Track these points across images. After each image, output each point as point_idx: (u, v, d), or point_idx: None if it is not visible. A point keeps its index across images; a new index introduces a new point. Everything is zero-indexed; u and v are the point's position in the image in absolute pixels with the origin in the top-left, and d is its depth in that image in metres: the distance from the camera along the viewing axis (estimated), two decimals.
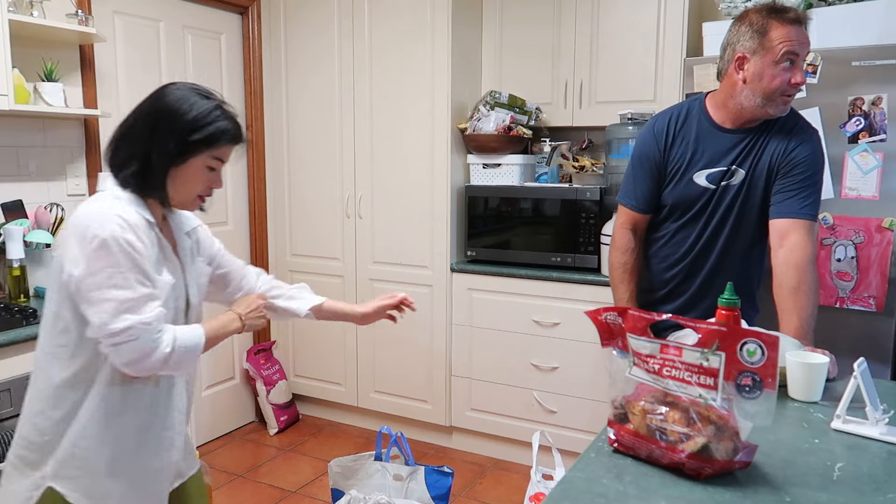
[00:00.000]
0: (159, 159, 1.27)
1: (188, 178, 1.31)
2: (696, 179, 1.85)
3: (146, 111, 1.30)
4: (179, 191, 1.32)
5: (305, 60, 3.46)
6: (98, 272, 1.20)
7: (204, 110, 1.28)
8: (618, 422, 1.20)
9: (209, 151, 1.31)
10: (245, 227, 3.64)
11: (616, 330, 1.22)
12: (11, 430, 1.91)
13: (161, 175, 1.29)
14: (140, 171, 1.28)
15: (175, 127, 1.27)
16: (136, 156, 1.28)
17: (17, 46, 2.32)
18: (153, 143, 1.27)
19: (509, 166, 3.16)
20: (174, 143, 1.27)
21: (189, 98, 1.29)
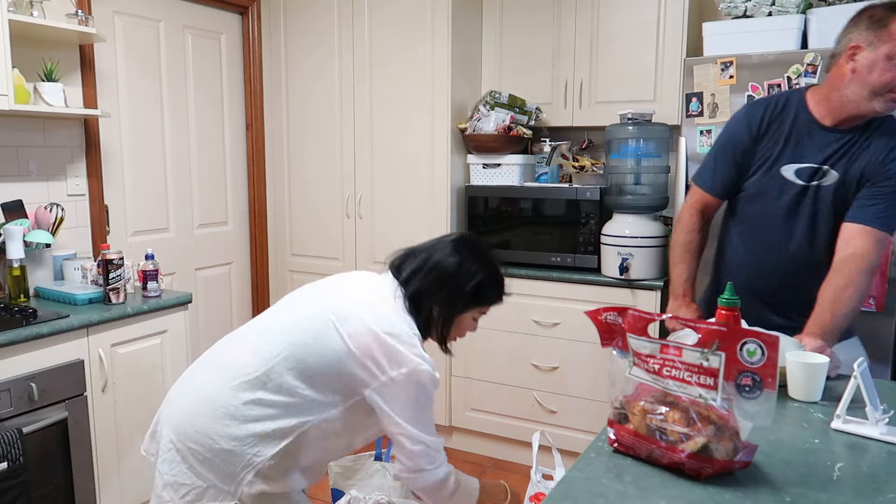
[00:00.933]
0: (440, 315, 1.49)
1: (458, 327, 1.54)
2: (784, 173, 1.77)
3: (435, 266, 1.48)
4: (446, 339, 1.54)
5: (305, 60, 3.46)
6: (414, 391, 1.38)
7: (481, 279, 1.49)
8: (618, 422, 1.20)
9: (479, 308, 1.54)
10: (245, 227, 3.64)
11: (616, 330, 1.22)
12: (12, 429, 1.91)
13: (441, 328, 1.51)
14: (422, 314, 1.47)
15: (457, 292, 1.48)
16: (423, 303, 1.47)
17: (17, 46, 2.32)
18: (436, 299, 1.48)
19: (509, 166, 3.16)
20: (454, 305, 1.49)
21: (469, 265, 1.49)
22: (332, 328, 1.38)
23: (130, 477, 2.39)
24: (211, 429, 1.36)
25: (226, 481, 1.35)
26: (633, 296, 2.80)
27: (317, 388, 1.37)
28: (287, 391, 1.36)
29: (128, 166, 2.99)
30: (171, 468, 1.38)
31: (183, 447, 1.38)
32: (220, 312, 3.51)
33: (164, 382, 2.49)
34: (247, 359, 1.41)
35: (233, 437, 1.35)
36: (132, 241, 3.02)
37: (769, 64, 2.40)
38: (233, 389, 1.37)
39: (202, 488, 1.36)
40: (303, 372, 1.37)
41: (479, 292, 1.49)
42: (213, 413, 1.37)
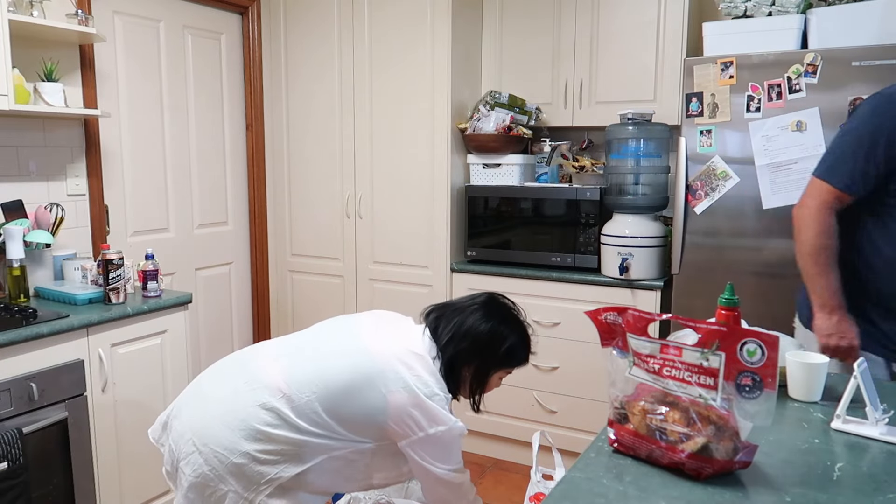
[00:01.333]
0: (472, 375, 1.57)
1: (486, 388, 1.62)
2: None
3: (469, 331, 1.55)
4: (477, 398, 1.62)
5: (305, 60, 3.46)
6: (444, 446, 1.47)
7: (512, 344, 1.58)
8: (618, 422, 1.20)
9: (507, 370, 1.62)
10: (245, 227, 3.64)
11: (616, 330, 1.22)
12: (12, 429, 1.91)
13: (470, 385, 1.59)
14: (454, 375, 1.54)
15: (488, 355, 1.57)
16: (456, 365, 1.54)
17: (17, 46, 2.32)
18: (470, 363, 1.56)
19: (509, 166, 3.16)
20: (487, 368, 1.58)
21: (503, 331, 1.57)
22: (372, 382, 1.42)
23: (130, 477, 2.39)
24: (234, 442, 1.39)
25: (247, 489, 1.39)
26: (633, 296, 2.80)
27: (348, 429, 1.43)
28: (317, 423, 1.41)
29: (128, 166, 2.99)
30: (194, 470, 1.41)
31: (207, 450, 1.40)
32: (220, 312, 3.51)
33: (164, 382, 2.49)
34: (279, 382, 1.44)
35: (255, 455, 1.39)
36: (132, 241, 3.02)
37: (769, 64, 2.40)
38: (261, 409, 1.41)
39: (223, 492, 1.39)
40: (337, 414, 1.42)
41: (510, 355, 1.58)
42: (238, 427, 1.40)
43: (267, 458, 1.39)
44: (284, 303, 3.70)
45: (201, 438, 1.41)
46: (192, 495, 1.42)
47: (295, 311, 3.68)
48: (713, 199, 2.54)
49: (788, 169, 2.40)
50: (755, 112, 2.44)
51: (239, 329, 3.62)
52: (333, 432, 1.42)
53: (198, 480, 1.40)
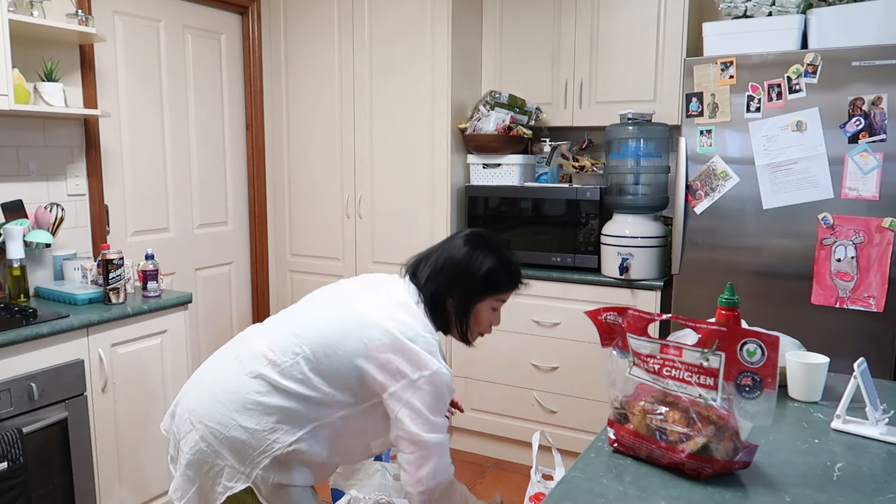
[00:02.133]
0: (455, 307, 1.51)
1: (476, 320, 1.54)
2: None
3: (446, 261, 1.51)
4: (468, 329, 1.54)
5: (305, 60, 3.46)
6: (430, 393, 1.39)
7: (491, 266, 1.50)
8: (618, 422, 1.20)
9: (493, 297, 1.53)
10: (245, 227, 3.64)
11: (616, 330, 1.22)
12: (12, 429, 1.91)
13: (459, 322, 1.52)
14: (440, 312, 1.50)
15: (468, 283, 1.50)
16: (439, 300, 1.49)
17: (17, 46, 2.32)
18: (451, 294, 1.50)
19: (509, 166, 3.16)
20: (468, 295, 1.50)
21: (477, 255, 1.50)
22: (354, 333, 1.40)
23: (130, 477, 2.39)
24: (226, 415, 1.41)
25: (242, 463, 1.39)
26: (633, 296, 2.80)
27: (334, 386, 1.40)
28: (303, 383, 1.40)
29: (128, 166, 2.99)
30: (191, 448, 1.43)
31: (202, 427, 1.42)
32: (220, 312, 3.51)
33: (164, 382, 2.49)
34: (266, 351, 1.45)
35: (247, 427, 1.39)
36: (132, 241, 3.02)
37: (769, 64, 2.40)
38: (249, 378, 1.42)
39: (220, 467, 1.41)
40: (321, 370, 1.40)
41: (490, 279, 1.49)
42: (229, 399, 1.42)
43: (258, 429, 1.39)
44: (284, 303, 3.70)
45: (197, 416, 1.44)
46: (191, 472, 1.43)
47: None
48: (713, 199, 2.54)
49: (788, 169, 2.40)
50: (755, 112, 2.44)
51: (239, 329, 3.62)
52: (321, 393, 1.39)
53: (195, 457, 1.42)
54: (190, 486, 1.44)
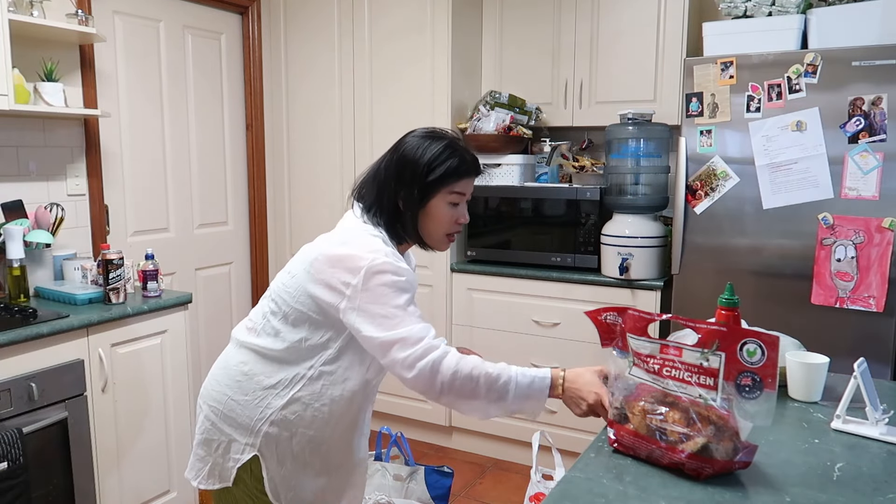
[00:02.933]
0: (406, 206, 1.40)
1: (434, 218, 1.41)
2: None
3: (389, 162, 1.42)
4: (430, 231, 1.43)
5: (305, 60, 3.46)
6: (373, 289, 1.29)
7: (435, 152, 1.38)
8: (618, 422, 1.20)
9: (446, 188, 1.39)
10: (245, 227, 3.64)
11: (616, 330, 1.22)
12: (12, 429, 1.91)
13: (412, 220, 1.41)
14: (392, 219, 1.41)
15: (414, 173, 1.38)
16: (386, 205, 1.40)
17: (17, 46, 2.32)
18: (398, 192, 1.39)
19: (509, 166, 3.16)
20: (415, 188, 1.38)
21: (421, 144, 1.39)
22: (300, 266, 1.40)
23: (130, 477, 2.39)
24: (221, 392, 1.45)
25: (244, 434, 1.42)
26: (633, 296, 2.80)
27: (302, 329, 1.39)
28: (276, 336, 1.41)
29: (128, 166, 2.99)
30: (200, 427, 1.50)
31: (206, 406, 1.48)
32: (220, 312, 3.51)
33: (164, 382, 2.49)
34: (245, 321, 1.52)
35: (238, 399, 1.42)
36: (132, 241, 3.02)
37: (769, 64, 2.40)
38: (235, 351, 1.48)
39: (226, 442, 1.44)
40: (287, 317, 1.40)
41: (437, 166, 1.36)
42: (222, 376, 1.47)
43: (248, 399, 1.41)
44: None
45: (202, 398, 1.50)
46: (202, 452, 1.48)
47: None
48: (713, 199, 2.54)
49: (788, 169, 2.40)
50: (755, 112, 2.44)
51: None
52: (295, 340, 1.38)
53: (203, 436, 1.48)
54: (203, 466, 1.48)
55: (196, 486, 1.50)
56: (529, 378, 1.32)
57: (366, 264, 1.30)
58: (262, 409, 1.40)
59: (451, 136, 1.43)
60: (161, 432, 2.49)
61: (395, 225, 1.41)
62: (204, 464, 1.47)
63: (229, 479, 1.43)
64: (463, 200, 1.43)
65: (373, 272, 1.29)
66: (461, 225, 1.45)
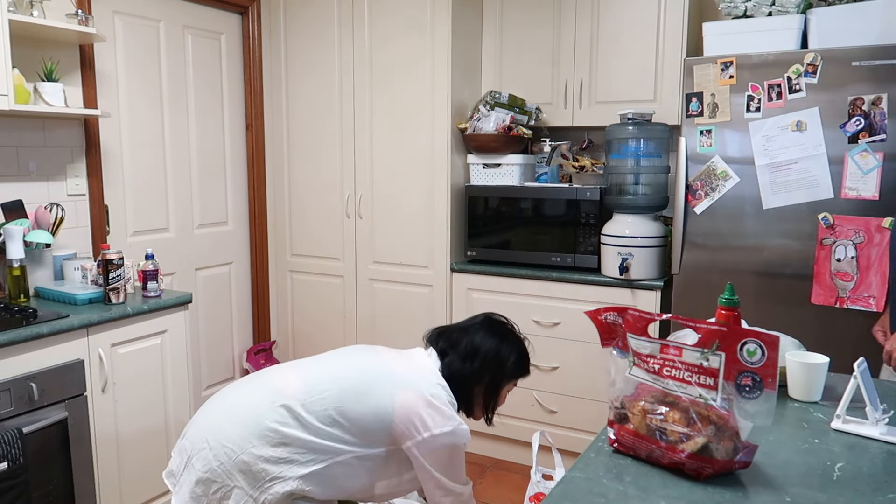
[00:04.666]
0: (483, 391, 1.66)
1: (497, 403, 1.70)
2: None
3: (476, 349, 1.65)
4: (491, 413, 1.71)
5: (305, 60, 3.46)
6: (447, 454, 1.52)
7: (517, 358, 1.68)
8: (618, 422, 1.20)
9: (515, 381, 1.71)
10: (245, 227, 3.64)
11: (616, 330, 1.22)
12: (12, 429, 1.91)
13: (484, 401, 1.68)
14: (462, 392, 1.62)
15: (499, 372, 1.66)
16: (467, 383, 1.63)
17: (17, 46, 2.32)
18: (480, 380, 1.64)
19: (509, 166, 3.16)
20: (497, 383, 1.67)
21: (506, 348, 1.67)
22: (383, 382, 1.50)
23: (130, 477, 2.39)
24: (244, 438, 1.43)
25: (252, 487, 1.41)
26: (633, 296, 2.80)
27: (355, 428, 1.46)
28: (326, 420, 1.45)
29: (128, 166, 2.99)
30: (203, 465, 1.45)
31: (217, 446, 1.44)
32: (220, 312, 3.51)
33: (164, 382, 2.49)
34: (296, 384, 1.50)
35: (261, 454, 1.42)
36: (132, 241, 3.02)
37: (769, 64, 2.40)
38: (273, 407, 1.46)
39: (229, 487, 1.42)
40: (345, 412, 1.46)
41: (518, 367, 1.68)
42: (249, 423, 1.45)
43: (272, 457, 1.41)
44: (284, 303, 3.70)
45: (214, 435, 1.46)
46: (199, 490, 1.44)
47: (295, 312, 3.68)
48: (713, 199, 2.54)
49: (788, 169, 2.40)
50: (755, 112, 2.44)
51: (239, 329, 3.62)
52: (343, 431, 1.45)
53: (206, 475, 1.44)
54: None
55: None
56: None
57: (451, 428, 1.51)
58: (281, 472, 1.41)
59: (521, 337, 1.75)
60: (161, 432, 2.49)
61: (465, 400, 1.64)
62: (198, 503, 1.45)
63: None
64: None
65: (455, 437, 1.52)
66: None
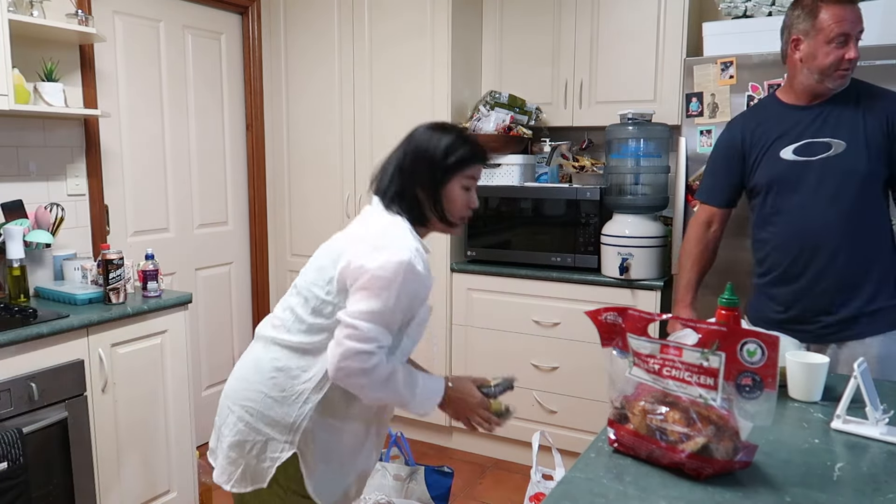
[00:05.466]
0: (427, 192, 1.49)
1: (451, 201, 1.51)
2: (783, 156, 1.87)
3: (404, 154, 1.51)
4: (446, 215, 1.53)
5: (305, 60, 3.46)
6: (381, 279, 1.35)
7: (449, 141, 1.49)
8: (618, 422, 1.20)
9: (462, 173, 1.50)
10: (245, 227, 3.64)
11: (616, 330, 1.22)
12: (12, 429, 1.91)
13: (430, 204, 1.50)
14: (411, 205, 1.49)
15: (432, 161, 1.49)
16: (406, 193, 1.49)
17: (17, 46, 2.32)
18: (418, 181, 1.49)
19: (509, 166, 3.16)
20: (435, 174, 1.49)
21: (434, 135, 1.50)
22: (329, 259, 1.46)
23: (130, 477, 2.39)
24: (255, 391, 1.45)
25: (283, 432, 1.42)
26: (633, 296, 2.80)
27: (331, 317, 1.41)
28: (305, 329, 1.43)
29: (128, 166, 2.99)
30: (231, 430, 1.47)
31: (237, 408, 1.46)
32: (220, 312, 3.51)
33: (164, 382, 2.49)
34: (271, 317, 1.52)
35: (276, 396, 1.42)
36: (132, 241, 3.02)
37: (769, 64, 2.40)
38: (264, 349, 1.48)
39: (263, 441, 1.43)
40: (316, 309, 1.43)
41: (451, 155, 1.48)
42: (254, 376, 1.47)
43: (286, 395, 1.42)
44: None
45: (231, 399, 1.49)
46: (234, 454, 1.46)
47: None
48: None
49: None
50: None
51: (239, 329, 3.62)
52: (323, 329, 1.42)
53: (236, 438, 1.46)
54: (235, 469, 1.46)
55: (228, 490, 1.48)
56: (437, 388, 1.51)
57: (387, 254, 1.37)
58: (301, 405, 1.41)
59: (460, 127, 1.55)
60: (161, 432, 2.49)
61: (417, 211, 1.49)
62: (236, 467, 1.46)
63: (265, 480, 1.43)
64: (474, 186, 1.53)
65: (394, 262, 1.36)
66: (471, 210, 1.55)
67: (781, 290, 1.94)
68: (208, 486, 2.74)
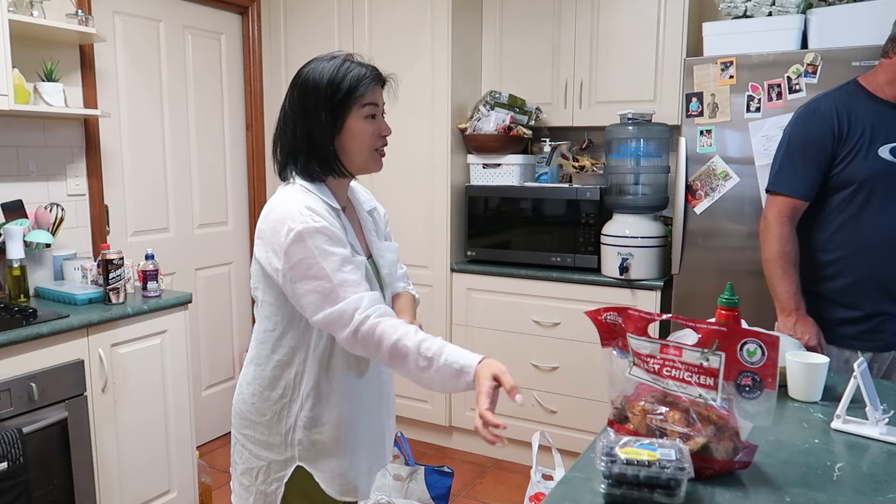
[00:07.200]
0: (321, 134, 1.32)
1: (356, 136, 1.34)
2: (882, 154, 1.81)
3: (290, 100, 1.35)
4: (354, 153, 1.36)
5: (305, 60, 3.44)
6: (297, 264, 1.25)
7: (333, 70, 1.32)
8: (618, 422, 1.20)
9: (357, 103, 1.33)
10: (245, 227, 3.64)
11: (616, 330, 1.22)
12: (12, 429, 1.91)
13: (329, 147, 1.33)
14: (310, 155, 1.33)
15: (318, 98, 1.31)
16: (301, 143, 1.33)
17: (17, 46, 2.32)
18: (308, 123, 1.32)
19: (509, 166, 3.16)
20: (325, 113, 1.31)
21: (317, 68, 1.33)
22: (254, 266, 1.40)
23: (130, 477, 2.39)
24: (245, 414, 1.44)
25: (280, 452, 1.41)
26: (633, 296, 2.80)
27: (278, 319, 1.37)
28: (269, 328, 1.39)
29: (128, 166, 2.99)
30: (240, 457, 1.47)
31: (239, 435, 1.47)
32: (220, 312, 3.51)
33: (164, 382, 2.49)
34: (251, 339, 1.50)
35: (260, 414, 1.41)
36: (132, 241, 3.02)
37: (769, 64, 2.40)
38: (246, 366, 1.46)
39: (265, 466, 1.43)
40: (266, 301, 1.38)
41: (338, 84, 1.31)
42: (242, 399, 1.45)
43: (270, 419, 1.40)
44: None
45: (236, 428, 1.48)
46: (246, 481, 1.46)
47: None
48: (713, 199, 2.54)
49: None
50: (755, 112, 2.44)
51: (239, 329, 3.62)
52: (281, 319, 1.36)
53: (245, 466, 1.46)
54: (249, 496, 1.46)
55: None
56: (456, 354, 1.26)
57: (282, 242, 1.25)
58: (286, 420, 1.39)
59: (346, 53, 1.38)
60: (161, 432, 2.49)
61: (314, 163, 1.33)
62: (249, 493, 1.46)
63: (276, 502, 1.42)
64: (378, 112, 1.37)
65: (289, 244, 1.24)
66: (385, 137, 1.38)
67: (860, 296, 1.87)
68: (208, 486, 2.74)
